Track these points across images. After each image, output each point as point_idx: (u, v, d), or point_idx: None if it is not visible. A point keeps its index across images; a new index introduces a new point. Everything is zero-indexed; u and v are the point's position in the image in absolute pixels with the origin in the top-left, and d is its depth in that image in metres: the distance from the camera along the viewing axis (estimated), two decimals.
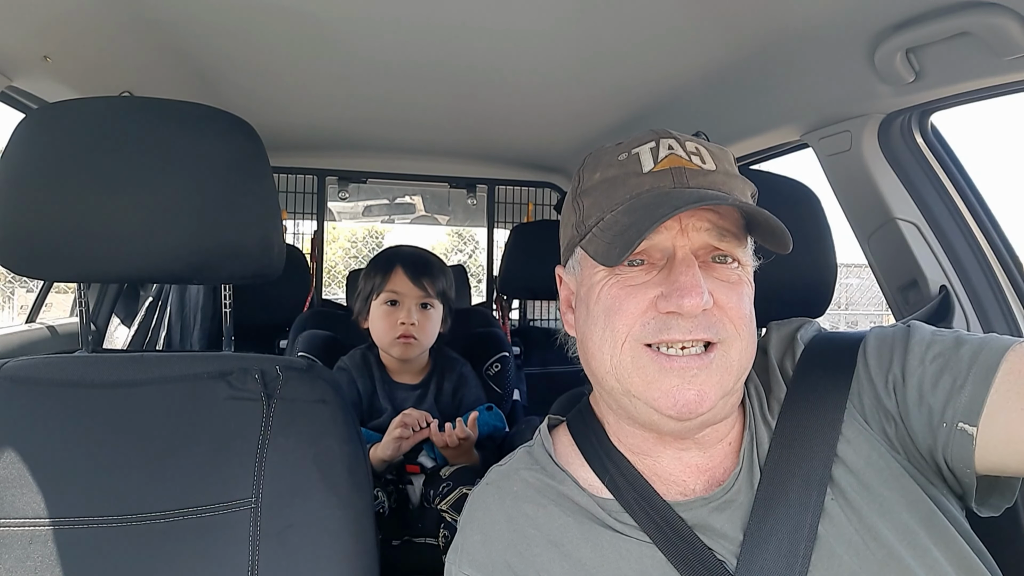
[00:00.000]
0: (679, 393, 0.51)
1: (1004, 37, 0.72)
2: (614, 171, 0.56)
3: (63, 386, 0.72)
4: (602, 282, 0.55)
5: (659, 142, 0.56)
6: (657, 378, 0.52)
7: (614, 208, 0.55)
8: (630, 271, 0.54)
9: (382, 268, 1.31)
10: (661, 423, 0.53)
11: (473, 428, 1.19)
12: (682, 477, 0.57)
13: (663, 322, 0.52)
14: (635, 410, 0.54)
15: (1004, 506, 0.55)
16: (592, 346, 0.56)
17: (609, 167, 0.57)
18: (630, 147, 0.57)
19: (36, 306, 1.70)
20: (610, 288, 0.55)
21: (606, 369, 0.55)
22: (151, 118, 0.71)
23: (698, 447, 0.58)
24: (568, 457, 0.62)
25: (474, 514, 0.60)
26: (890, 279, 1.09)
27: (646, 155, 0.56)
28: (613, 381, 0.55)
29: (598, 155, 0.59)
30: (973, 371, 0.51)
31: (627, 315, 0.53)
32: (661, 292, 0.52)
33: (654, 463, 0.58)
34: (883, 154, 1.03)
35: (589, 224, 0.57)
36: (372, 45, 1.15)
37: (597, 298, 0.55)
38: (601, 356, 0.55)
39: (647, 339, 0.52)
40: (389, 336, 1.29)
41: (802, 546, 0.51)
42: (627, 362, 0.53)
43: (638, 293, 0.53)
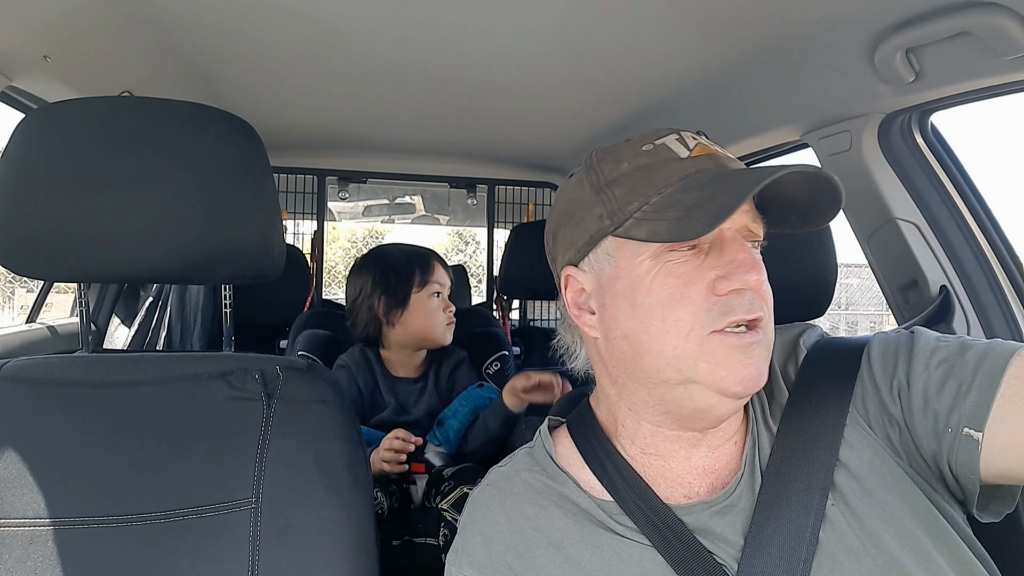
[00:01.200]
0: (744, 368, 0.51)
1: (1004, 37, 0.72)
2: (645, 159, 0.55)
3: (63, 386, 0.72)
4: (650, 272, 0.53)
5: (680, 134, 0.56)
6: (726, 357, 0.51)
7: (662, 190, 0.53)
8: (681, 256, 0.53)
9: (419, 263, 1.35)
10: (717, 406, 0.53)
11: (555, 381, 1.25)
12: (688, 479, 0.57)
13: (725, 304, 0.52)
14: (690, 399, 0.53)
15: (1005, 512, 0.54)
16: (648, 340, 0.53)
17: (637, 157, 0.56)
18: (651, 139, 0.56)
19: (36, 306, 1.70)
20: (664, 277, 0.53)
21: (665, 361, 0.53)
22: (151, 118, 0.71)
23: (708, 447, 0.57)
24: (568, 459, 0.62)
25: (474, 515, 0.60)
26: (890, 279, 1.09)
27: (675, 144, 0.56)
28: (672, 372, 0.53)
29: (614, 150, 0.58)
30: (978, 376, 0.50)
31: (691, 303, 0.52)
32: (716, 275, 0.52)
33: (664, 464, 0.58)
34: (883, 154, 1.03)
35: (630, 210, 0.54)
36: (372, 45, 1.15)
37: (648, 289, 0.53)
38: (661, 348, 0.53)
39: (713, 326, 0.52)
40: (441, 324, 1.35)
41: (803, 551, 0.50)
42: (692, 350, 0.52)
43: (696, 279, 0.52)
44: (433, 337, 1.36)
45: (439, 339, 1.36)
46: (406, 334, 1.35)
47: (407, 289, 1.33)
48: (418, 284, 1.33)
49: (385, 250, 1.41)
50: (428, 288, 1.34)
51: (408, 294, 1.33)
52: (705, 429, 0.57)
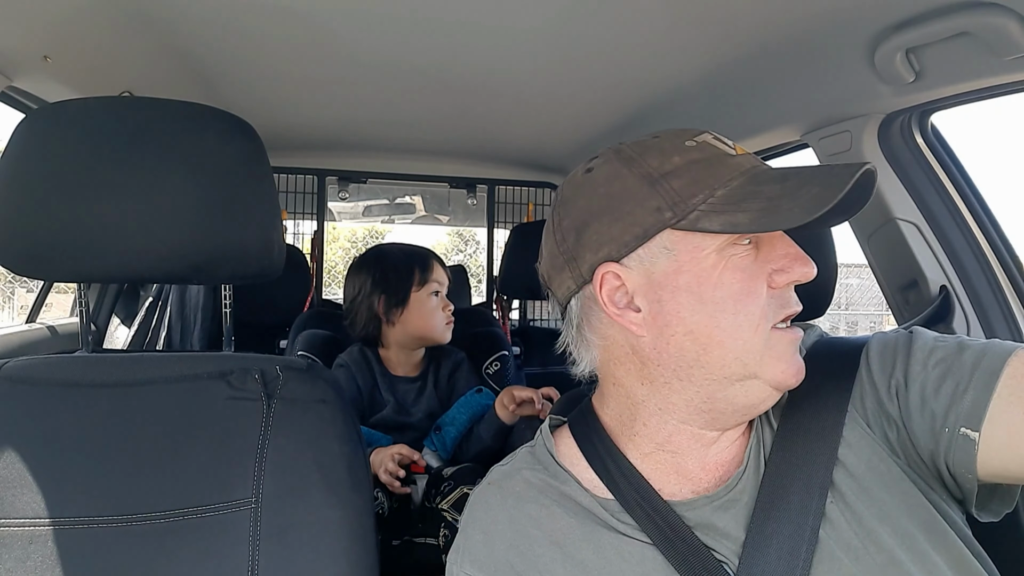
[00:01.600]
0: (797, 361, 0.54)
1: (1004, 37, 0.72)
2: (696, 154, 0.54)
3: (63, 386, 0.72)
4: (717, 266, 0.52)
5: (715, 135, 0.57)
6: (785, 352, 0.54)
7: (727, 183, 0.53)
8: (744, 250, 0.53)
9: (418, 262, 1.35)
10: (768, 400, 0.55)
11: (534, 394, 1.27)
12: (700, 474, 0.57)
13: (781, 298, 0.54)
14: (745, 394, 0.54)
15: (1004, 511, 0.54)
16: (719, 334, 0.52)
17: (684, 151, 0.55)
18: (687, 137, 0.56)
19: (36, 306, 1.70)
20: (732, 272, 0.52)
21: (733, 356, 0.53)
22: (151, 118, 0.71)
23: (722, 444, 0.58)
24: (570, 457, 0.62)
25: (476, 513, 0.60)
26: (890, 279, 1.09)
27: (716, 143, 0.56)
28: (738, 367, 0.53)
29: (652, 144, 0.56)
30: (976, 376, 0.50)
31: (758, 297, 0.53)
32: (772, 268, 0.53)
33: (678, 461, 0.58)
34: (883, 154, 1.03)
35: (693, 203, 0.52)
36: (373, 45, 1.15)
37: (717, 283, 0.52)
38: (732, 343, 0.52)
39: (774, 320, 0.53)
40: (440, 323, 1.35)
41: (803, 550, 0.51)
42: (759, 344, 0.52)
43: (758, 274, 0.53)
44: (432, 336, 1.36)
45: (438, 338, 1.36)
46: (405, 333, 1.35)
47: (406, 288, 1.33)
48: (417, 283, 1.34)
49: (384, 249, 1.41)
50: (427, 287, 1.34)
51: (408, 293, 1.33)
52: (737, 426, 0.58)
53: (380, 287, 1.33)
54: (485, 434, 1.29)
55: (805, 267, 0.53)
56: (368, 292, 1.34)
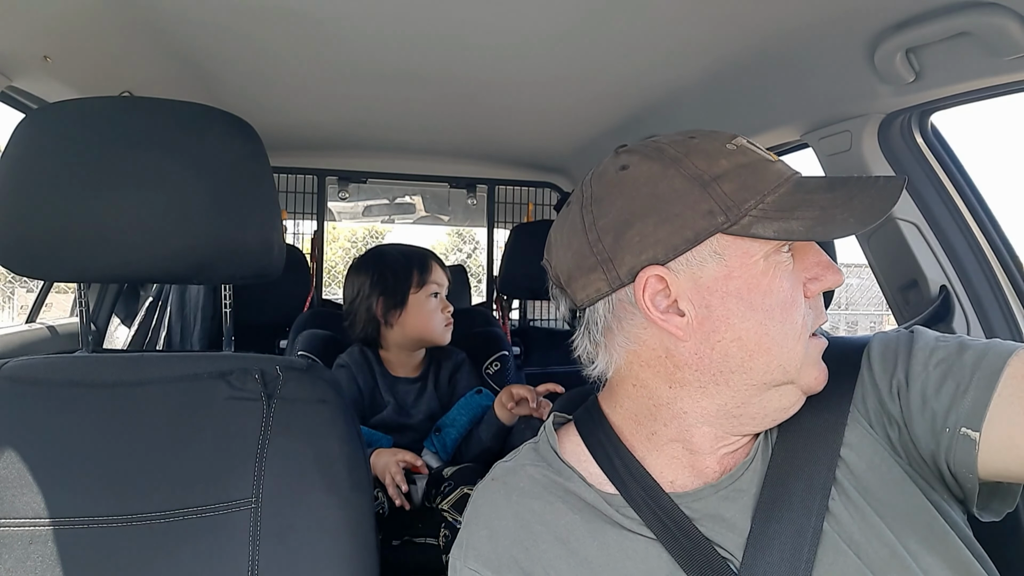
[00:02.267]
0: (824, 368, 0.56)
1: (1004, 37, 0.72)
2: (741, 158, 0.54)
3: (63, 386, 0.72)
4: (766, 273, 0.52)
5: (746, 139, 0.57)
6: (818, 360, 0.55)
7: (775, 189, 0.53)
8: (787, 258, 0.54)
9: (417, 263, 1.35)
10: (796, 404, 0.56)
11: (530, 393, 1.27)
12: (711, 467, 0.58)
13: (816, 307, 0.55)
14: (779, 399, 0.55)
15: (1006, 511, 0.55)
16: (768, 341, 0.52)
17: (730, 155, 0.54)
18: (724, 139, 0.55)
19: (36, 306, 1.70)
20: (780, 279, 0.52)
21: (778, 363, 0.53)
22: (151, 118, 0.71)
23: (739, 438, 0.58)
24: (574, 454, 0.62)
25: (479, 509, 0.60)
26: (890, 279, 1.09)
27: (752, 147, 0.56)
28: (779, 373, 0.53)
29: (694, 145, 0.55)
30: (976, 376, 0.51)
31: (800, 306, 0.53)
32: (807, 277, 0.54)
33: (695, 459, 0.58)
34: (883, 154, 1.03)
35: (746, 208, 0.51)
36: (372, 45, 1.15)
37: (767, 290, 0.52)
38: (779, 350, 0.53)
39: (812, 328, 0.54)
40: (439, 324, 1.35)
41: (805, 550, 0.51)
42: (801, 352, 0.53)
43: (798, 283, 0.54)
44: (431, 337, 1.36)
45: (437, 339, 1.36)
46: (404, 334, 1.35)
47: (405, 290, 1.33)
48: (416, 284, 1.33)
49: (383, 250, 1.41)
50: (426, 288, 1.34)
51: (406, 295, 1.33)
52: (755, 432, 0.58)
53: (378, 289, 1.33)
54: (484, 435, 1.29)
55: (836, 275, 0.54)
56: (367, 294, 1.34)
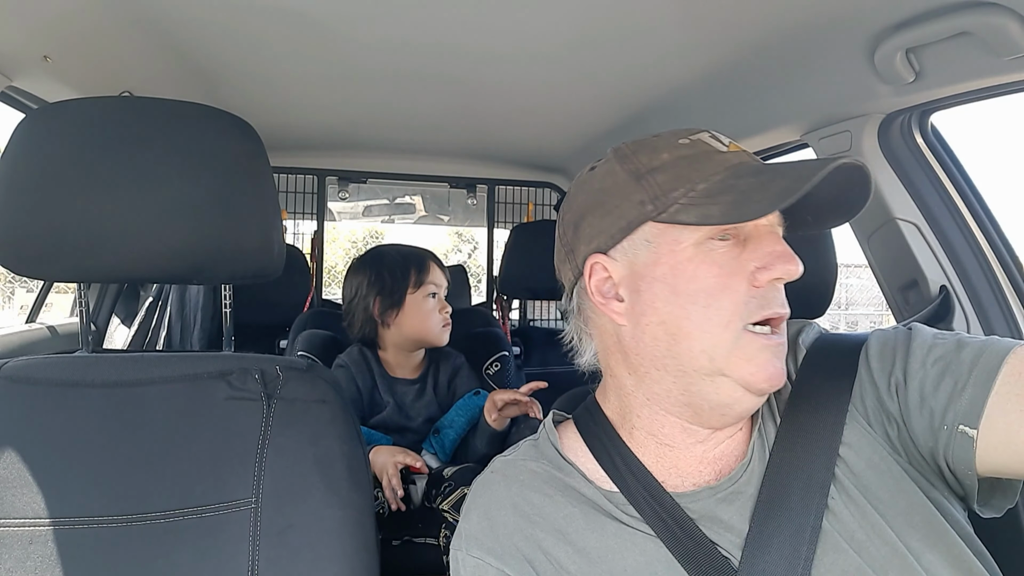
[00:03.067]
0: (771, 367, 0.53)
1: (1004, 37, 0.72)
2: (686, 151, 0.56)
3: (63, 386, 0.72)
4: (693, 259, 0.54)
5: (712, 133, 0.58)
6: (756, 354, 0.53)
7: (708, 178, 0.54)
8: (723, 246, 0.54)
9: (415, 263, 1.35)
10: (742, 400, 0.54)
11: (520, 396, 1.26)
12: (697, 468, 0.58)
13: (763, 297, 0.53)
14: (716, 392, 0.54)
15: (1006, 506, 0.55)
16: (688, 325, 0.53)
17: (676, 148, 0.56)
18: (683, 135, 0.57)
19: (36, 306, 1.70)
20: (707, 265, 0.53)
21: (700, 349, 0.53)
22: (151, 118, 0.71)
23: (724, 438, 0.58)
24: (574, 450, 0.62)
25: (479, 500, 0.60)
26: (890, 279, 1.09)
27: (711, 140, 0.57)
28: (705, 361, 0.53)
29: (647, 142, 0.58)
30: (974, 374, 0.51)
31: (734, 293, 0.53)
32: (756, 266, 0.53)
33: (676, 455, 0.58)
34: (883, 154, 1.03)
35: (674, 196, 0.54)
36: (372, 46, 1.15)
37: (691, 276, 0.53)
38: (700, 336, 0.53)
39: (751, 318, 0.53)
40: (437, 325, 1.34)
41: (804, 547, 0.51)
42: (728, 342, 0.53)
43: (738, 270, 0.53)
44: (428, 338, 1.35)
45: (435, 340, 1.36)
46: (401, 335, 1.35)
47: (402, 290, 1.32)
48: (413, 285, 1.33)
49: (381, 251, 1.41)
50: (423, 289, 1.33)
51: (403, 295, 1.32)
52: (723, 427, 0.57)
53: (376, 288, 1.33)
54: (479, 443, 1.29)
55: (788, 264, 0.52)
56: (364, 293, 1.34)
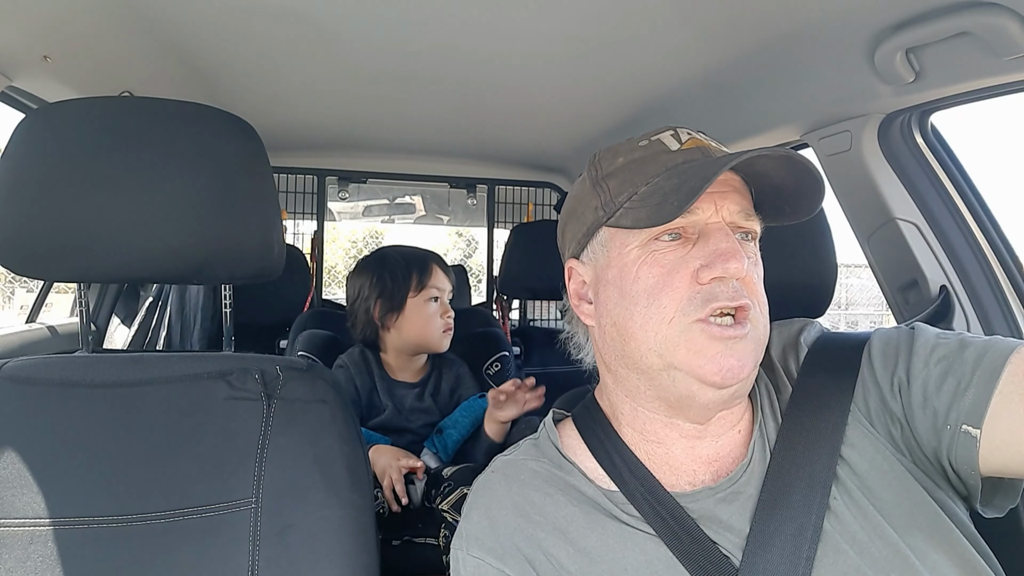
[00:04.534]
0: (723, 359, 0.52)
1: (1004, 37, 0.72)
2: (639, 153, 0.58)
3: (63, 386, 0.72)
4: (638, 260, 0.55)
5: (677, 130, 0.59)
6: (705, 346, 0.52)
7: (649, 180, 0.56)
8: (667, 246, 0.55)
9: (417, 266, 1.33)
10: (699, 393, 0.54)
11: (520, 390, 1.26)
12: (692, 467, 0.58)
13: (708, 292, 0.53)
14: (674, 385, 0.54)
15: (1008, 506, 0.55)
16: (632, 326, 0.55)
17: (632, 151, 0.59)
18: (647, 136, 0.59)
19: (36, 306, 1.70)
20: (650, 266, 0.55)
21: (648, 346, 0.54)
22: (151, 118, 0.71)
23: (711, 436, 0.58)
24: (574, 449, 0.62)
25: (480, 499, 0.60)
26: (890, 279, 1.09)
27: (668, 139, 0.58)
28: (654, 358, 0.54)
29: (612, 148, 0.61)
30: (977, 374, 0.51)
31: (674, 291, 0.53)
32: (700, 263, 0.53)
33: (666, 452, 0.58)
34: (883, 154, 1.03)
35: (620, 200, 0.56)
36: (373, 46, 1.15)
37: (635, 277, 0.55)
38: (644, 335, 0.54)
39: (696, 314, 0.53)
40: (438, 330, 1.33)
41: (805, 547, 0.51)
42: (674, 335, 0.53)
43: (680, 268, 0.54)
44: (428, 344, 1.34)
45: (434, 346, 1.35)
46: (401, 339, 1.34)
47: (403, 293, 1.31)
48: (415, 288, 1.32)
49: (384, 253, 1.40)
50: (425, 293, 1.32)
51: (404, 299, 1.31)
52: (702, 420, 0.57)
53: (377, 291, 1.32)
54: (477, 453, 1.29)
55: (728, 263, 0.52)
56: (365, 296, 1.33)
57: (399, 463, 1.16)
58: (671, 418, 0.58)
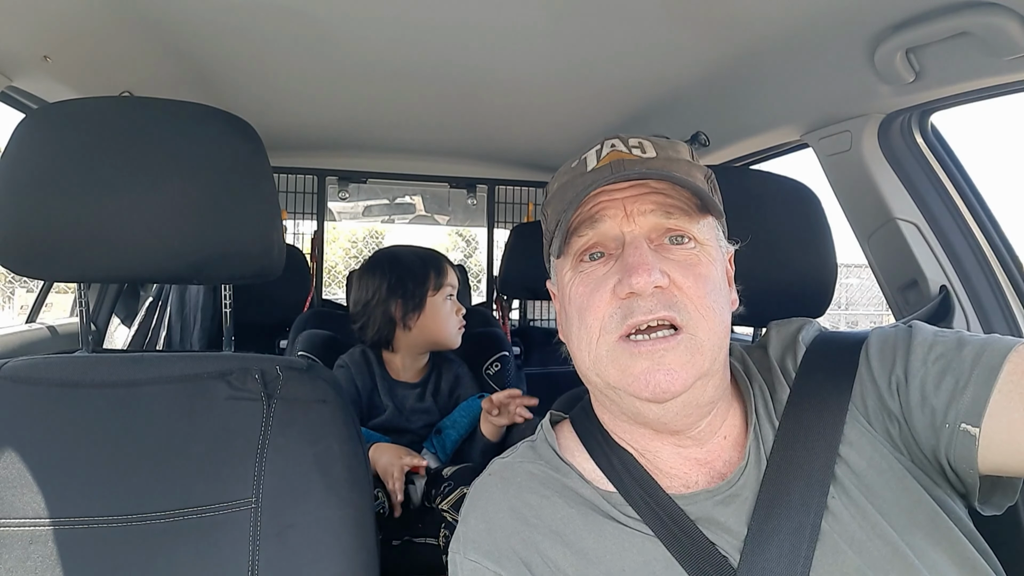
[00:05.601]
0: (650, 375, 0.51)
1: (1004, 37, 0.72)
2: (566, 177, 0.60)
3: (63, 386, 0.72)
4: (570, 283, 0.58)
5: (603, 143, 0.60)
6: (629, 364, 0.52)
7: (567, 207, 0.57)
8: (590, 265, 0.56)
9: (433, 265, 1.35)
10: (643, 409, 0.54)
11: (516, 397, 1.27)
12: (683, 470, 0.58)
13: (626, 308, 0.53)
14: (620, 401, 0.56)
15: (1007, 504, 0.55)
16: (572, 346, 0.58)
17: (563, 175, 0.61)
18: (581, 154, 0.61)
19: (36, 306, 1.70)
20: (577, 287, 0.57)
21: (587, 365, 0.56)
22: (151, 118, 0.71)
23: (695, 443, 0.58)
24: (572, 451, 0.62)
25: (477, 503, 0.60)
26: (890, 279, 1.09)
27: (591, 156, 0.59)
28: (594, 376, 0.56)
29: (560, 169, 0.63)
30: (976, 372, 0.51)
31: (595, 310, 0.54)
32: (617, 279, 0.53)
33: (655, 457, 0.59)
34: (883, 154, 1.03)
35: (551, 228, 0.59)
36: (372, 46, 1.15)
37: (569, 298, 0.57)
38: (581, 355, 0.56)
39: (617, 331, 0.53)
40: (454, 327, 1.35)
41: (804, 547, 0.51)
42: (603, 355, 0.54)
43: (601, 287, 0.55)
44: (446, 341, 1.36)
45: (451, 342, 1.36)
46: (421, 336, 1.34)
47: (423, 292, 1.32)
48: (433, 287, 1.33)
49: (397, 252, 1.39)
50: (442, 291, 1.34)
51: (424, 297, 1.32)
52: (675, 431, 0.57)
53: (398, 291, 1.32)
54: (474, 452, 1.29)
55: (632, 276, 0.51)
56: (384, 296, 1.32)
57: (402, 461, 1.16)
58: (641, 427, 0.58)
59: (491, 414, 1.26)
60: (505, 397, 1.25)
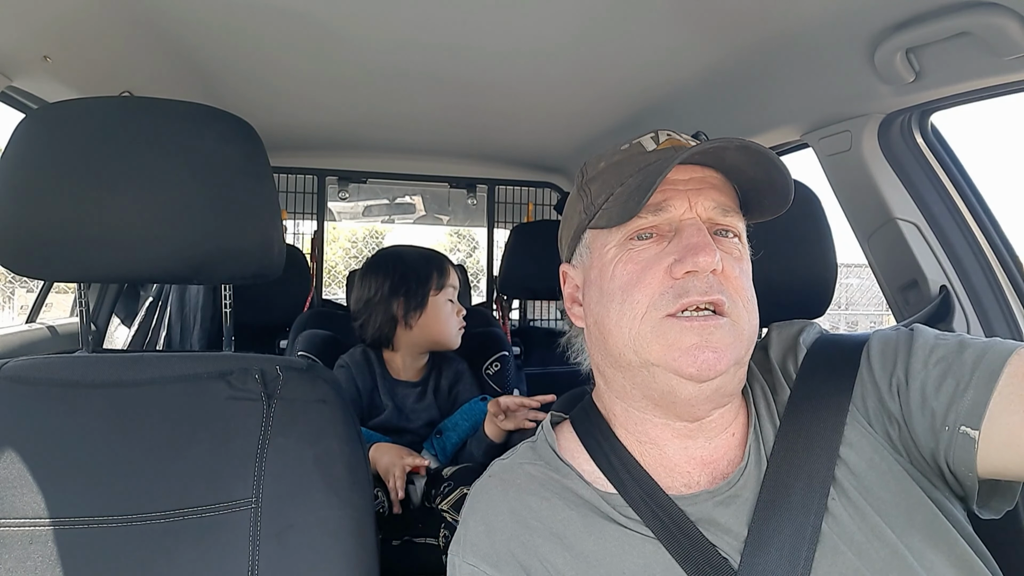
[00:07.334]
0: (699, 351, 0.52)
1: (1004, 37, 0.72)
2: (619, 156, 0.60)
3: (63, 386, 0.72)
4: (615, 259, 0.57)
5: (658, 132, 0.60)
6: (678, 339, 0.52)
7: (623, 181, 0.58)
8: (641, 244, 0.56)
9: (436, 265, 1.35)
10: (679, 388, 0.54)
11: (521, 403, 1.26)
12: (687, 469, 0.58)
13: (681, 287, 0.53)
14: (654, 381, 0.55)
15: (1005, 508, 0.55)
16: (609, 323, 0.56)
17: (613, 155, 0.61)
18: (630, 140, 0.61)
19: (36, 306, 1.70)
20: (624, 264, 0.56)
21: (624, 343, 0.55)
22: (151, 118, 0.71)
23: (704, 437, 0.58)
24: (572, 452, 0.62)
25: (477, 505, 0.60)
26: (890, 279, 1.09)
27: (647, 141, 0.60)
28: (631, 354, 0.55)
29: (599, 154, 0.63)
30: (976, 375, 0.51)
31: (647, 287, 0.54)
32: (674, 259, 0.54)
33: (660, 453, 0.58)
34: (883, 154, 1.03)
35: (599, 203, 0.59)
36: (372, 46, 1.15)
37: (612, 275, 0.57)
38: (619, 331, 0.55)
39: (667, 309, 0.53)
40: (455, 327, 1.36)
41: (804, 548, 0.51)
42: (647, 331, 0.54)
43: (653, 265, 0.55)
44: (447, 341, 1.36)
45: (452, 343, 1.37)
46: (422, 335, 1.34)
47: (425, 292, 1.33)
48: (436, 287, 1.34)
49: (400, 251, 1.40)
50: (444, 292, 1.34)
51: (426, 297, 1.33)
52: (692, 418, 0.57)
53: (400, 290, 1.32)
54: (476, 451, 1.29)
55: (697, 256, 0.52)
56: (386, 295, 1.32)
57: (403, 461, 1.16)
58: (662, 418, 0.58)
59: (497, 418, 1.26)
60: (515, 404, 1.24)
